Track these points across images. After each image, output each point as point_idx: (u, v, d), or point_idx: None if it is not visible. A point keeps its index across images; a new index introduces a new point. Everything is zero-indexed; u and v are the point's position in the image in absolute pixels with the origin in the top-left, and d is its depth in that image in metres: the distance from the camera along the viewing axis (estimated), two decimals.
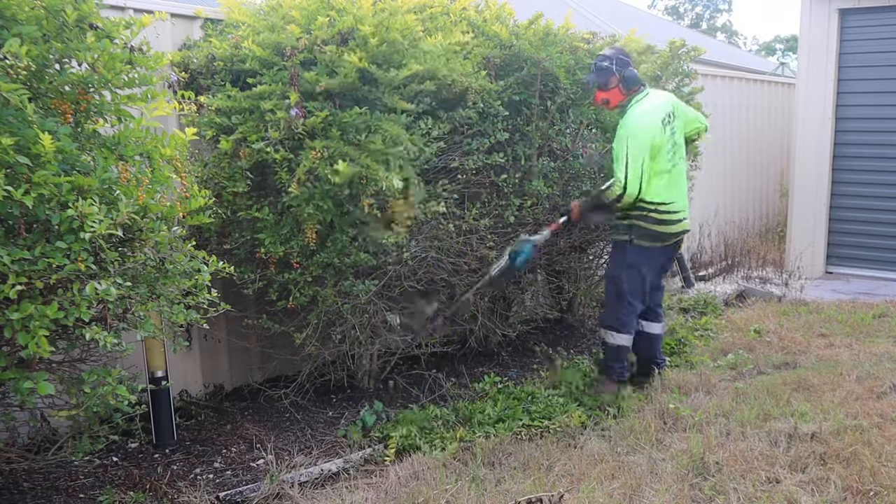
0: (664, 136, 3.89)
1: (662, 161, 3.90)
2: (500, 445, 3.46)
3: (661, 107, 3.93)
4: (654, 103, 3.93)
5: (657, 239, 4.00)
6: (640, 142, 3.80)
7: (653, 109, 3.89)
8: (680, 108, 4.07)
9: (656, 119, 3.87)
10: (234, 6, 3.89)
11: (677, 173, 3.99)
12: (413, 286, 3.86)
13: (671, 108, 3.97)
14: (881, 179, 7.16)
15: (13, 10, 2.40)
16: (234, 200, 3.57)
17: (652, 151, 3.85)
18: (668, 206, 3.95)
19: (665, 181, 3.93)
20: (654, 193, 3.92)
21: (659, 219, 3.94)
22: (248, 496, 3.04)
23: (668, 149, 3.91)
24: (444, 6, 4.08)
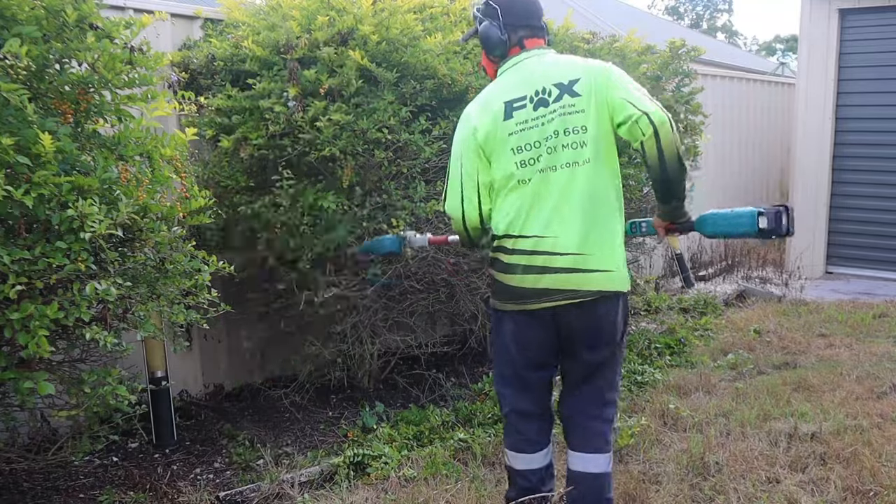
0: (508, 126, 2.38)
1: (506, 166, 2.38)
2: (500, 445, 3.46)
3: (522, 81, 2.41)
4: (510, 78, 2.45)
5: (510, 297, 2.42)
6: (457, 147, 2.48)
7: (495, 91, 2.46)
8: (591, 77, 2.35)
9: (492, 104, 2.42)
10: (234, 6, 3.90)
11: (544, 186, 2.34)
12: (413, 286, 3.86)
13: (556, 80, 2.37)
14: (881, 179, 7.16)
15: (13, 10, 2.40)
16: (234, 198, 3.58)
17: (485, 151, 2.41)
18: (514, 240, 2.37)
19: (511, 198, 2.39)
20: (497, 218, 2.43)
21: (506, 262, 2.40)
22: (248, 496, 3.05)
23: (523, 146, 2.36)
24: (444, 6, 4.09)
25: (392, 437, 3.52)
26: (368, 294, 3.68)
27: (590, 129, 2.33)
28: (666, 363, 4.75)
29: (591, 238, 2.32)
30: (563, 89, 2.35)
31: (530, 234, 2.35)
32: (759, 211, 2.38)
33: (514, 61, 2.45)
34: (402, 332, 4.05)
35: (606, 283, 2.34)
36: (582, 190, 2.33)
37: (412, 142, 3.57)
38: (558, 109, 2.34)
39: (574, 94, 2.33)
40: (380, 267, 3.65)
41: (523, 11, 2.47)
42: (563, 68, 2.39)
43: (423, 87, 3.62)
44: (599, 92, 2.32)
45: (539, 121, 2.35)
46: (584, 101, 2.33)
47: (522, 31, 2.45)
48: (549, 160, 2.33)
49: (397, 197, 3.62)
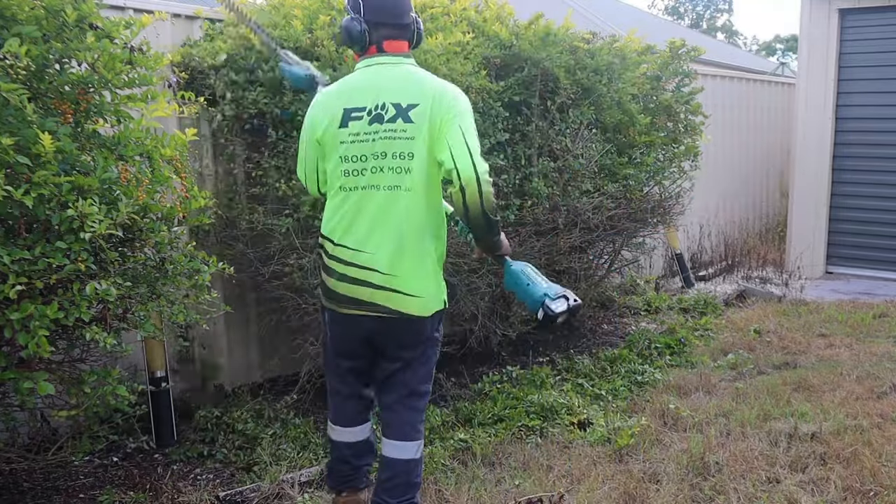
0: (341, 133, 2.40)
1: (333, 171, 2.43)
2: (500, 445, 3.46)
3: (367, 90, 2.41)
4: (358, 82, 2.46)
5: (326, 295, 2.52)
6: (303, 132, 2.55)
7: (342, 91, 2.47)
8: (429, 105, 2.34)
9: (333, 106, 2.44)
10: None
11: (366, 201, 2.38)
12: None
13: (396, 99, 2.37)
14: (881, 179, 7.16)
15: (13, 10, 2.40)
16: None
17: (320, 150, 2.49)
18: (334, 246, 2.44)
19: (334, 203, 2.45)
20: (324, 215, 2.51)
21: (326, 263, 2.48)
22: (248, 496, 3.04)
23: (351, 157, 2.38)
24: (444, 6, 4.09)
25: None
26: None
27: (416, 158, 2.35)
28: (666, 363, 4.75)
29: (403, 262, 2.39)
30: (399, 112, 2.36)
31: (348, 245, 2.42)
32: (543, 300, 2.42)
33: (368, 63, 2.46)
34: None
35: (411, 307, 2.42)
36: (399, 215, 2.37)
37: None
38: (390, 131, 2.36)
39: (408, 119, 2.35)
40: None
41: (388, 9, 2.44)
42: (408, 88, 2.39)
43: None
44: (434, 124, 2.34)
45: (370, 136, 2.37)
46: (415, 128, 2.34)
47: (384, 29, 2.43)
48: (373, 178, 2.38)
49: None
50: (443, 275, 2.55)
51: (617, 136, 4.88)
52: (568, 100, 4.37)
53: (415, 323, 2.45)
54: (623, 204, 4.81)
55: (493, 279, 4.23)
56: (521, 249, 4.27)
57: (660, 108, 5.24)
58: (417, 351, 2.51)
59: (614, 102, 4.71)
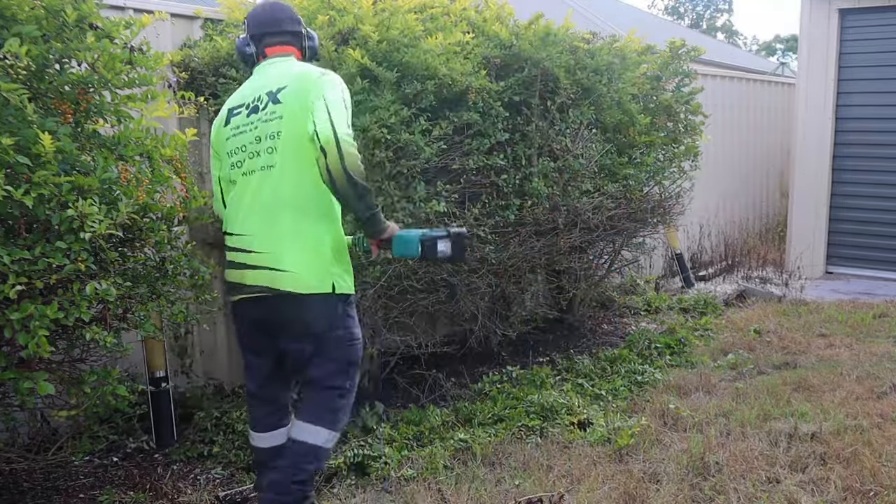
0: (225, 131, 2.60)
1: (225, 166, 2.61)
2: (500, 445, 3.46)
3: (247, 89, 2.61)
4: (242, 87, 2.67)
5: (227, 289, 2.69)
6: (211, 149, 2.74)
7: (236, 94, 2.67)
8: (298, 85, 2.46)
9: (225, 106, 2.65)
10: (235, 6, 3.90)
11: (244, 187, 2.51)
12: (413, 286, 3.86)
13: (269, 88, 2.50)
14: (881, 179, 7.16)
15: (13, 10, 2.40)
16: None
17: (216, 151, 2.67)
18: (229, 238, 2.57)
19: (230, 198, 2.60)
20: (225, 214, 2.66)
21: (226, 257, 2.61)
22: (248, 496, 3.04)
23: (235, 149, 2.55)
24: (444, 6, 4.09)
25: (392, 437, 3.52)
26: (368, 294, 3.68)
27: (283, 135, 2.43)
28: (666, 363, 4.75)
29: (274, 239, 2.44)
30: (270, 97, 2.49)
31: (234, 231, 2.54)
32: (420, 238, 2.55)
33: (256, 70, 2.64)
34: (402, 332, 4.05)
35: (283, 283, 2.43)
36: (269, 192, 2.45)
37: (412, 142, 3.57)
38: (263, 116, 2.49)
39: (276, 101, 2.47)
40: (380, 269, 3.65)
41: (265, 21, 2.62)
42: (280, 77, 2.52)
43: (424, 87, 3.62)
44: (300, 99, 2.42)
45: (248, 126, 2.52)
46: (282, 107, 2.45)
47: (266, 39, 2.61)
48: (250, 164, 2.50)
49: (397, 197, 3.62)
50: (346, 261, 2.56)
51: (617, 136, 4.89)
52: (568, 100, 4.37)
53: (299, 302, 2.43)
54: (623, 204, 4.81)
55: (493, 279, 4.23)
56: (521, 249, 4.28)
57: (660, 108, 5.24)
58: (309, 341, 2.50)
59: (614, 102, 4.71)
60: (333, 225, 2.52)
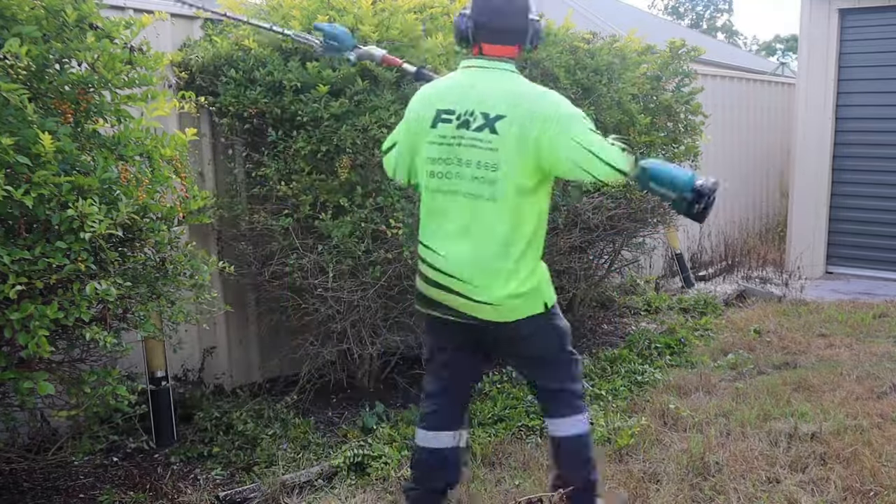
0: (430, 134, 2.37)
1: (421, 170, 2.43)
2: (500, 445, 3.46)
3: (460, 93, 2.36)
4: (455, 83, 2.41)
5: (418, 299, 2.55)
6: (405, 117, 2.51)
7: (439, 89, 2.44)
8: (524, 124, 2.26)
9: (428, 104, 2.41)
10: (235, 6, 3.90)
11: (450, 206, 2.36)
12: (413, 285, 3.85)
13: (485, 108, 2.30)
14: (881, 179, 7.16)
15: (13, 10, 2.40)
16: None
17: (415, 140, 2.44)
18: (423, 250, 2.44)
19: (428, 205, 2.44)
20: (421, 217, 2.50)
21: (418, 266, 2.49)
22: (248, 496, 3.04)
23: (438, 159, 2.36)
24: (444, 6, 4.08)
25: (392, 437, 3.52)
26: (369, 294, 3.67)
27: (500, 170, 2.28)
28: (666, 363, 4.75)
29: (482, 273, 2.34)
30: (487, 121, 2.29)
31: (431, 246, 2.41)
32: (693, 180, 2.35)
33: (468, 64, 2.40)
34: (402, 332, 4.04)
35: (485, 314, 2.37)
36: (482, 225, 2.32)
37: None
38: (475, 139, 2.30)
39: (493, 130, 2.28)
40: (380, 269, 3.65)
41: (492, 11, 2.35)
42: (498, 98, 2.31)
43: None
44: (529, 140, 2.26)
45: (457, 140, 2.33)
46: (500, 140, 2.27)
47: (485, 32, 2.35)
48: (455, 184, 2.34)
49: (396, 197, 3.62)
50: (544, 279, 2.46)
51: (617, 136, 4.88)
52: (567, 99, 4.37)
53: (505, 329, 2.39)
54: (623, 204, 4.81)
55: None
56: None
57: (660, 108, 5.24)
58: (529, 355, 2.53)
59: (614, 102, 4.71)
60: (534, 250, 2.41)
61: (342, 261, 3.60)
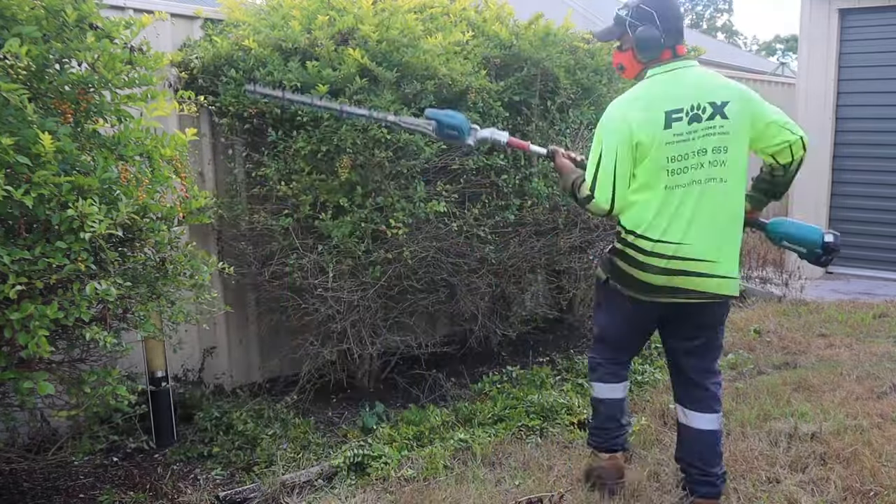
0: (665, 135, 2.57)
1: (654, 172, 2.59)
2: (500, 445, 3.46)
3: (679, 93, 2.60)
4: (667, 86, 2.63)
5: (639, 289, 2.73)
6: (610, 138, 2.63)
7: (654, 95, 2.63)
8: (742, 103, 2.60)
9: (652, 109, 2.60)
10: (234, 6, 3.90)
11: (687, 197, 2.59)
12: (413, 286, 3.86)
13: (709, 98, 2.58)
14: (881, 179, 7.16)
15: (13, 10, 2.40)
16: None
17: (635, 154, 2.60)
18: (654, 243, 2.61)
19: (655, 203, 2.61)
20: (633, 217, 2.65)
21: (637, 259, 2.66)
22: (248, 496, 3.04)
23: (675, 156, 2.57)
24: (444, 6, 4.09)
25: (392, 437, 3.52)
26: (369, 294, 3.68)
27: (730, 151, 2.60)
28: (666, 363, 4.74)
29: (723, 249, 2.65)
30: (716, 109, 2.59)
31: (671, 240, 2.61)
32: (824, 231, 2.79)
33: (668, 68, 2.66)
34: (402, 332, 4.05)
35: (727, 289, 2.68)
36: (717, 204, 2.62)
37: (412, 141, 3.57)
38: (709, 128, 2.59)
39: (724, 116, 2.59)
40: (380, 269, 3.65)
41: (676, 16, 2.68)
42: (715, 87, 2.63)
43: (424, 87, 3.62)
44: (746, 118, 2.60)
45: (691, 135, 2.59)
46: (730, 124, 2.59)
47: (675, 35, 2.65)
48: (694, 174, 2.60)
49: (396, 197, 3.62)
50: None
51: None
52: (568, 100, 4.37)
53: (723, 304, 2.79)
54: None
55: (493, 279, 4.23)
56: (521, 249, 4.27)
57: None
58: (715, 333, 2.84)
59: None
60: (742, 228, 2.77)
61: (342, 261, 3.61)
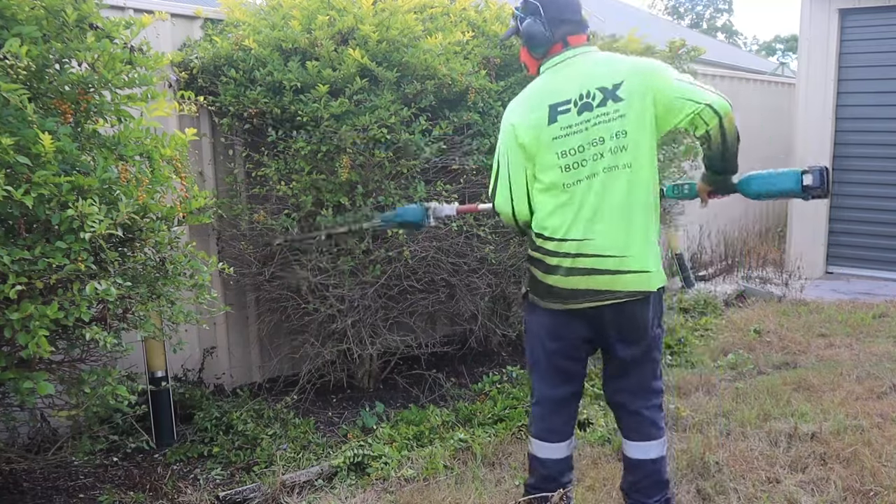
0: (552, 130, 2.41)
1: (549, 170, 2.43)
2: (500, 445, 3.46)
3: (564, 84, 2.44)
4: (554, 79, 2.48)
5: (551, 296, 2.49)
6: (501, 143, 2.52)
7: (540, 91, 2.48)
8: (638, 79, 2.39)
9: (537, 107, 2.44)
10: (235, 6, 3.90)
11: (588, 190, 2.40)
12: (413, 286, 3.86)
13: (599, 83, 2.40)
14: (881, 179, 7.16)
15: (13, 10, 2.40)
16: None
17: (525, 155, 2.45)
18: (557, 243, 2.43)
19: (555, 201, 2.44)
20: (539, 219, 2.48)
21: (545, 262, 2.46)
22: (248, 496, 3.04)
23: (568, 150, 2.40)
24: (444, 6, 4.09)
25: (392, 438, 3.52)
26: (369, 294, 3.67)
27: (630, 133, 2.38)
28: (666, 363, 4.75)
29: (630, 240, 2.41)
30: (606, 94, 2.39)
31: (574, 237, 2.41)
32: (802, 170, 2.52)
33: (558, 60, 2.48)
34: (402, 332, 4.05)
35: (642, 284, 2.43)
36: (621, 193, 2.39)
37: (412, 141, 3.57)
38: (602, 115, 2.38)
39: (617, 98, 2.38)
40: (380, 268, 3.65)
41: (564, 6, 2.49)
42: (607, 70, 2.42)
43: (424, 87, 3.62)
44: (643, 94, 2.37)
45: (583, 125, 2.40)
46: (625, 105, 2.37)
47: (565, 26, 2.47)
48: (594, 166, 2.39)
49: (397, 197, 3.62)
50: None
51: None
52: None
53: (643, 303, 2.45)
54: None
55: (493, 279, 4.23)
56: (522, 249, 4.27)
57: None
58: (644, 342, 2.51)
59: None
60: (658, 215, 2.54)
61: (342, 260, 3.60)
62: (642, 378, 2.57)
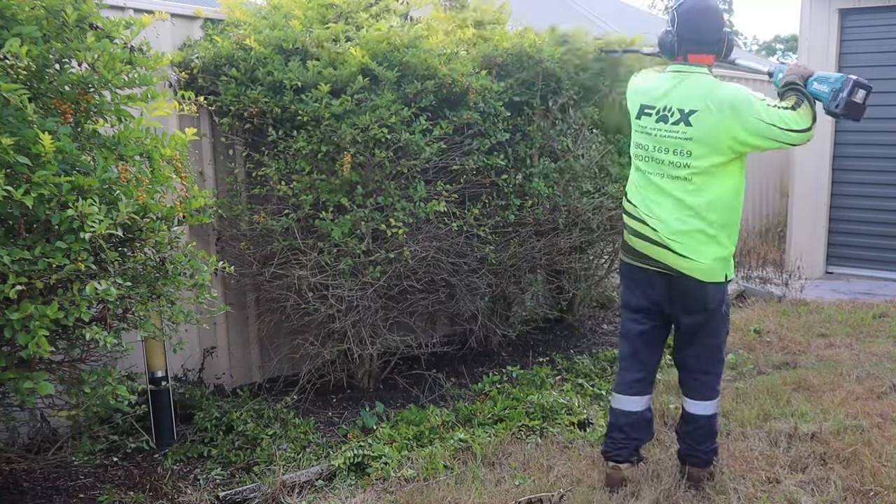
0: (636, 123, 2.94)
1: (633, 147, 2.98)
2: (501, 445, 3.46)
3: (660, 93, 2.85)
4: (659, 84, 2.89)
5: (626, 250, 3.04)
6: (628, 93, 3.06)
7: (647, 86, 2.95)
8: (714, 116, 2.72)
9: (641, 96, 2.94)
10: (235, 6, 3.90)
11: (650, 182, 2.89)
12: (413, 286, 3.86)
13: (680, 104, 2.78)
14: (881, 179, 7.15)
15: (13, 10, 2.40)
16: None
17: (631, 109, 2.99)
18: (634, 207, 2.95)
19: (636, 177, 2.97)
20: (628, 183, 3.05)
21: (626, 224, 3.00)
22: (248, 496, 3.04)
23: (642, 144, 2.91)
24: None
25: (392, 438, 3.52)
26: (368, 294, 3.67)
27: (693, 154, 2.77)
28: (666, 363, 4.74)
29: (680, 235, 2.81)
30: (682, 116, 2.78)
31: (641, 212, 2.90)
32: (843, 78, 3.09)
33: (672, 69, 2.87)
34: (402, 332, 4.05)
35: (691, 270, 2.81)
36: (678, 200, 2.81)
37: (412, 141, 3.57)
38: (672, 131, 2.80)
39: (688, 123, 2.76)
40: (380, 268, 3.65)
41: (696, 26, 2.81)
42: (691, 95, 2.77)
43: (424, 87, 3.62)
44: (716, 128, 2.72)
45: (655, 131, 2.84)
46: (693, 131, 2.75)
47: (689, 44, 2.81)
48: (658, 167, 2.85)
49: (397, 197, 3.62)
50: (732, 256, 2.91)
51: (618, 137, 4.89)
52: (569, 100, 4.37)
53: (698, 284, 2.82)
54: None
55: (493, 279, 4.23)
56: (522, 249, 4.28)
57: None
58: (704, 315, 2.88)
59: (616, 103, 4.71)
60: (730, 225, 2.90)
61: (342, 260, 3.60)
62: (705, 349, 2.96)
